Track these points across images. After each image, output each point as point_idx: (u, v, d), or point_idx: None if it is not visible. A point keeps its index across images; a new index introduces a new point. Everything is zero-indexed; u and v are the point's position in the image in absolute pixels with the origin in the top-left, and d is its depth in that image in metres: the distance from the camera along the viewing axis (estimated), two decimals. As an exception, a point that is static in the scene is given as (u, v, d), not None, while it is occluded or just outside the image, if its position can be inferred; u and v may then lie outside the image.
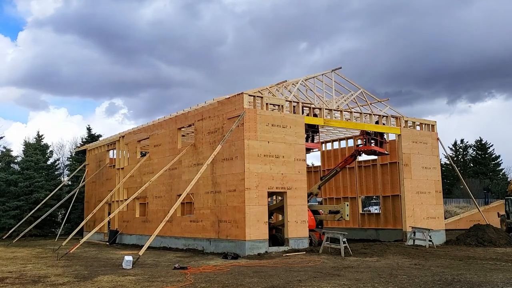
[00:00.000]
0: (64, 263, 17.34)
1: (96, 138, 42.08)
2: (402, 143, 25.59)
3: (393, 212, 28.21)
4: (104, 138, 36.53)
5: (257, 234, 19.31)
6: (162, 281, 12.62)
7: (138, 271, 14.59)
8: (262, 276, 13.24)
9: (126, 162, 29.50)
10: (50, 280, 13.08)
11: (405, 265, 15.57)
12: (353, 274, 13.48)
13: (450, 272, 13.77)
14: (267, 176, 20.09)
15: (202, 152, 22.38)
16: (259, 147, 20.06)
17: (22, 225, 31.04)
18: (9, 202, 33.94)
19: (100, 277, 13.50)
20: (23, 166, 36.61)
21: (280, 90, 22.94)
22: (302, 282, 12.07)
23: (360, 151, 26.04)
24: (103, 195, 30.82)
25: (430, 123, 27.63)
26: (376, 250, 19.82)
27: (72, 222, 35.91)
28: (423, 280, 12.11)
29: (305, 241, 20.75)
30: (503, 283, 11.62)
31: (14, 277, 13.79)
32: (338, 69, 25.59)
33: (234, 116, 20.41)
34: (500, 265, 15.52)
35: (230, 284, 11.87)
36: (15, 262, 18.13)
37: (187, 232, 22.75)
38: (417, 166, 25.86)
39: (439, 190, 26.89)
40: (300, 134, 21.69)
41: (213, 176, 21.44)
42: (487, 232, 23.67)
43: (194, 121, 23.45)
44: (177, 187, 23.90)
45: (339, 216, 24.55)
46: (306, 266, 15.44)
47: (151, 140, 26.94)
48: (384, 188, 29.18)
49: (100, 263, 17.31)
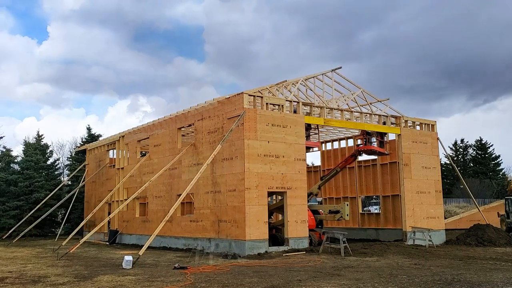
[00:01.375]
0: (64, 263, 17.34)
1: (96, 138, 42.08)
2: (402, 143, 25.59)
3: (393, 212, 28.21)
4: (104, 138, 36.54)
5: (257, 234, 19.31)
6: (162, 281, 12.62)
7: (138, 271, 14.59)
8: (262, 276, 13.24)
9: (126, 162, 29.50)
10: (50, 280, 13.08)
11: (405, 265, 15.57)
12: (353, 274, 13.48)
13: (450, 272, 13.77)
14: (267, 176, 20.09)
15: (202, 152, 22.38)
16: (259, 147, 20.06)
17: (22, 225, 31.03)
18: (9, 202, 33.94)
19: (100, 277, 13.50)
20: (23, 166, 36.60)
21: (280, 90, 22.93)
22: (302, 282, 12.07)
23: (360, 151, 26.03)
24: (103, 195, 30.82)
25: (430, 123, 27.63)
26: (376, 250, 19.82)
27: (72, 222, 35.91)
28: (423, 280, 12.11)
29: (305, 241, 20.75)
30: (503, 283, 11.62)
31: (14, 277, 13.79)
32: (338, 68, 25.59)
33: (234, 116, 20.40)
34: (500, 265, 15.53)
35: (230, 284, 11.87)
36: (15, 262, 18.14)
37: (187, 232, 22.75)
38: (417, 166, 25.86)
39: (439, 190, 26.89)
40: (300, 134, 21.68)
41: (213, 176, 21.44)
42: (487, 232, 23.68)
43: (194, 121, 23.45)
44: (177, 187, 23.90)
45: (339, 216, 24.57)
46: (306, 266, 15.44)
47: (151, 140, 26.94)
48: (384, 188, 29.18)
49: (100, 263, 17.31)
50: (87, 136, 44.04)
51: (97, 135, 43.43)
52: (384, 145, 26.20)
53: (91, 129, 44.63)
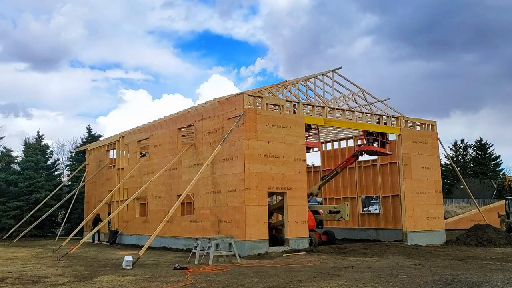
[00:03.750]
0: (64, 263, 17.34)
1: (96, 138, 42.11)
2: (402, 143, 25.58)
3: (393, 212, 28.21)
4: (104, 138, 36.55)
5: (257, 234, 19.31)
6: (162, 281, 12.62)
7: (138, 271, 14.58)
8: (262, 276, 13.24)
9: (126, 162, 29.50)
10: (50, 280, 13.08)
11: (405, 265, 15.56)
12: (353, 274, 13.48)
13: (450, 272, 13.76)
14: (267, 176, 20.08)
15: (202, 152, 22.38)
16: (259, 147, 20.06)
17: (22, 225, 31.04)
18: (9, 202, 33.95)
19: (100, 277, 13.50)
20: (23, 166, 36.63)
21: (280, 90, 22.93)
22: (302, 282, 12.06)
23: (362, 152, 25.99)
24: (103, 195, 30.82)
25: (430, 123, 27.62)
26: (376, 250, 19.80)
27: (72, 222, 35.91)
28: (423, 280, 12.10)
29: (305, 241, 20.74)
30: (503, 283, 11.61)
31: (14, 277, 13.79)
32: (339, 69, 25.57)
33: (234, 116, 20.40)
34: (500, 265, 15.52)
35: (230, 284, 11.86)
36: (15, 262, 18.14)
37: (187, 232, 22.74)
38: (417, 166, 25.85)
39: (439, 190, 26.87)
40: (300, 134, 21.68)
41: (213, 176, 21.44)
42: (487, 232, 23.68)
43: (194, 121, 23.46)
44: (177, 187, 23.89)
45: (339, 216, 24.58)
46: (306, 266, 15.44)
47: (151, 140, 26.94)
48: (384, 188, 29.18)
49: (100, 263, 17.31)
50: (87, 136, 44.07)
51: (97, 136, 43.47)
52: (385, 145, 26.16)
53: (91, 129, 44.75)
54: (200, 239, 17.30)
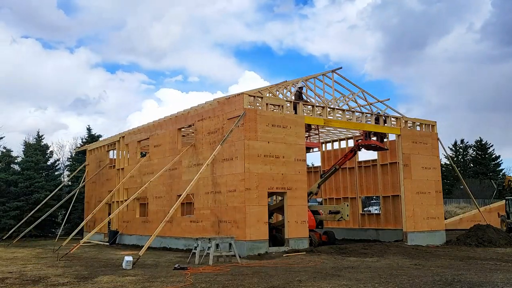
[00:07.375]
0: (64, 264, 17.34)
1: (96, 138, 42.09)
2: (402, 143, 25.57)
3: (393, 212, 28.21)
4: (104, 138, 36.55)
5: (257, 235, 19.31)
6: (162, 281, 12.61)
7: (138, 272, 14.58)
8: (262, 276, 13.23)
9: (126, 163, 29.49)
10: (50, 280, 13.07)
11: (405, 265, 15.56)
12: (353, 274, 13.47)
13: (451, 272, 13.76)
14: (267, 176, 20.08)
15: (202, 153, 22.38)
16: (259, 148, 20.06)
17: (22, 226, 31.01)
18: (9, 202, 33.92)
19: (100, 277, 13.50)
20: (23, 166, 36.60)
21: (280, 91, 22.93)
22: (302, 282, 12.06)
23: (360, 146, 26.01)
24: (103, 196, 30.81)
25: (430, 123, 27.61)
26: (376, 250, 19.80)
27: (72, 223, 35.88)
28: (423, 280, 12.09)
29: (305, 241, 20.74)
30: (503, 283, 11.60)
31: (14, 277, 13.78)
32: (339, 69, 25.60)
33: (234, 117, 20.40)
34: (500, 265, 15.52)
35: (230, 284, 11.86)
36: (15, 263, 18.13)
37: (187, 233, 22.74)
38: (417, 166, 25.85)
39: (439, 190, 26.86)
40: (300, 134, 21.68)
41: (213, 177, 21.44)
42: (487, 232, 23.68)
43: (194, 121, 23.46)
44: (177, 188, 23.89)
45: (339, 216, 24.58)
46: (306, 266, 15.43)
47: (151, 141, 26.93)
48: (384, 188, 29.17)
49: (100, 264, 17.31)
50: (87, 136, 44.05)
51: (97, 136, 43.45)
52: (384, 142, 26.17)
53: (91, 130, 44.73)
54: (200, 239, 17.31)
